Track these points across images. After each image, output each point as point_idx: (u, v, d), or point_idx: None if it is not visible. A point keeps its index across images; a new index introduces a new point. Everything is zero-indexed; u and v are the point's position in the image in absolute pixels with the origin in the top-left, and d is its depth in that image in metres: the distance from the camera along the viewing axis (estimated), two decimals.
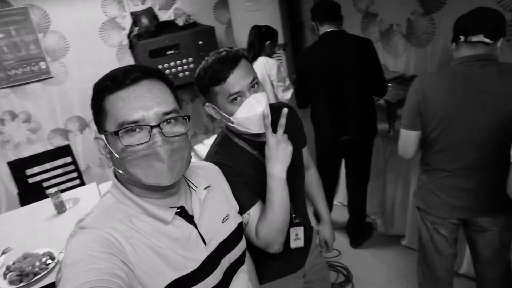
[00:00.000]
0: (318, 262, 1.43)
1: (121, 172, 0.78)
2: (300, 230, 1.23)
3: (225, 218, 0.94)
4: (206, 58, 1.11)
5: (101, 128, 0.78)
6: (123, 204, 0.80)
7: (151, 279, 0.75)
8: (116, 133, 0.73)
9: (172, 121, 0.76)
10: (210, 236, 0.87)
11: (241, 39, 3.35)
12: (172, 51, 3.32)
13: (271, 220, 1.03)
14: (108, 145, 0.77)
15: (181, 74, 3.39)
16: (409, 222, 2.54)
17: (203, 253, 0.84)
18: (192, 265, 0.81)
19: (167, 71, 3.31)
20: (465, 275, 2.20)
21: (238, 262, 0.95)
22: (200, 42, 3.40)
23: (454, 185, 1.52)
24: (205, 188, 0.91)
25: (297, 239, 1.24)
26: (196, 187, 0.90)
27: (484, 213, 1.52)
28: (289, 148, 1.04)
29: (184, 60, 3.37)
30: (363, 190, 2.65)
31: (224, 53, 1.07)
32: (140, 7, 3.50)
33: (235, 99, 1.06)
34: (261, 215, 1.06)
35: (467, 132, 1.43)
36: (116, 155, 0.76)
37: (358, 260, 2.62)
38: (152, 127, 0.73)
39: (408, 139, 1.55)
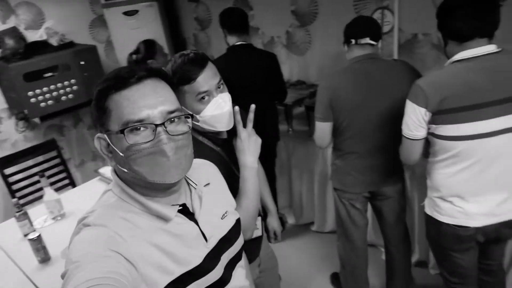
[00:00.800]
0: (268, 251, 1.53)
1: (125, 170, 0.78)
2: (259, 220, 1.32)
3: (224, 214, 0.96)
4: (172, 59, 1.15)
5: (103, 127, 0.78)
6: (126, 202, 0.80)
7: (157, 275, 0.76)
8: (121, 132, 0.74)
9: (176, 119, 0.78)
10: (211, 232, 0.89)
11: (124, 58, 3.25)
12: (50, 73, 3.02)
13: (246, 207, 1.11)
14: (111, 144, 0.78)
15: (64, 98, 3.09)
16: (316, 209, 2.84)
17: (204, 249, 0.86)
18: (195, 261, 0.83)
19: (47, 95, 2.99)
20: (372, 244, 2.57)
21: (237, 258, 0.98)
22: (82, 62, 3.17)
23: (364, 163, 1.81)
24: (205, 186, 0.93)
25: (256, 228, 1.32)
26: (196, 184, 0.92)
27: (388, 183, 1.86)
28: (259, 140, 1.13)
29: (66, 82, 3.09)
30: (272, 188, 2.85)
31: (192, 54, 1.13)
32: (0, 27, 3.10)
33: (203, 98, 1.12)
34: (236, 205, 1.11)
35: (370, 118, 1.72)
36: (121, 154, 0.76)
37: (276, 253, 2.80)
38: (157, 125, 0.74)
39: (323, 130, 1.78)
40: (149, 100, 0.75)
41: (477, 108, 1.29)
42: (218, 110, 1.13)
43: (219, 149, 1.23)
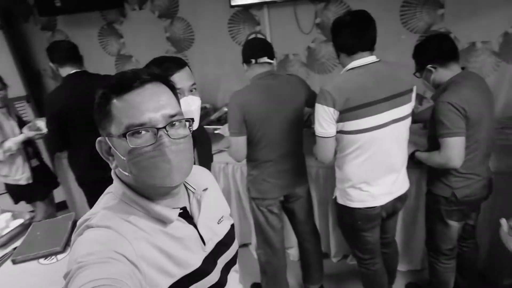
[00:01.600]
0: None
1: (126, 174, 0.79)
2: None
3: (220, 219, 0.97)
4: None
5: (105, 131, 0.79)
6: (127, 204, 0.81)
7: (160, 277, 0.77)
8: (123, 135, 0.74)
9: (177, 123, 0.78)
10: (208, 236, 0.90)
11: None
12: None
13: None
14: (113, 148, 0.78)
15: None
16: None
17: (202, 253, 0.88)
18: (194, 264, 0.84)
19: None
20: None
21: (232, 262, 0.99)
22: None
23: (278, 169, 1.95)
24: (203, 190, 0.93)
25: None
26: (194, 188, 0.92)
27: (299, 184, 2.04)
28: None
29: None
30: None
31: (173, 57, 1.29)
32: None
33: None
34: None
35: (278, 127, 1.88)
36: (122, 158, 0.77)
37: None
38: (158, 129, 0.75)
39: (238, 144, 1.86)
40: (150, 104, 0.75)
41: (371, 105, 1.58)
42: (186, 108, 1.18)
43: None
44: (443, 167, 1.73)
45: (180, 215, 0.85)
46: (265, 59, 1.88)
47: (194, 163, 1.02)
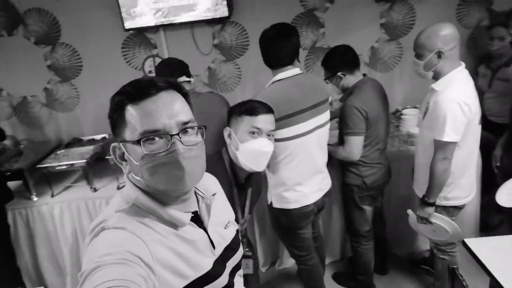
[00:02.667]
0: None
1: (139, 179, 0.81)
2: (251, 261, 1.45)
3: (227, 224, 1.00)
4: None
5: (119, 137, 0.81)
6: (140, 208, 0.82)
7: (173, 279, 0.79)
8: (138, 141, 0.76)
9: (190, 130, 0.80)
10: (217, 241, 0.93)
11: None
12: None
13: None
14: (126, 153, 0.80)
15: None
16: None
17: (212, 256, 0.90)
18: (206, 267, 0.87)
19: None
20: None
21: (237, 267, 1.02)
22: None
23: None
24: (212, 195, 0.94)
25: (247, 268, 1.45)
26: (204, 193, 0.94)
27: None
28: None
29: None
30: None
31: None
32: None
33: (253, 133, 1.44)
34: None
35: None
36: (136, 163, 0.78)
37: None
38: (172, 135, 0.76)
39: None
40: (164, 111, 0.77)
41: (299, 114, 1.74)
42: (257, 148, 1.39)
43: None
44: (345, 160, 2.01)
45: (191, 219, 0.87)
46: (184, 78, 1.89)
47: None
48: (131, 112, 0.78)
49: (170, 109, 0.78)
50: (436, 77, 1.77)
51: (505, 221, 2.23)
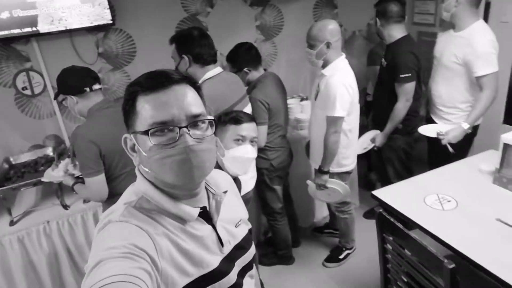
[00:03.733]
0: None
1: (147, 170, 0.81)
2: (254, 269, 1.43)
3: (238, 223, 0.98)
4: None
5: (131, 128, 0.82)
6: (148, 201, 0.82)
7: (177, 276, 0.78)
8: (146, 132, 0.76)
9: (200, 123, 0.80)
10: (226, 238, 0.91)
11: None
12: None
13: None
14: (136, 144, 0.81)
15: None
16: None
17: (220, 254, 0.89)
18: (212, 264, 0.85)
19: None
20: None
21: (248, 267, 0.99)
22: None
23: None
24: (224, 192, 0.93)
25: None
26: (214, 190, 0.92)
27: None
28: None
29: None
30: None
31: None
32: None
33: (238, 140, 1.55)
34: None
35: None
36: (144, 154, 0.79)
37: None
38: (180, 128, 0.76)
39: (98, 183, 1.71)
40: (175, 104, 0.77)
41: (233, 107, 1.87)
42: (242, 154, 1.48)
43: None
44: None
45: (200, 214, 0.86)
46: (98, 86, 1.80)
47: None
48: (142, 103, 0.78)
49: (181, 101, 0.78)
50: (324, 64, 2.12)
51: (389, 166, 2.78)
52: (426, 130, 2.41)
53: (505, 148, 1.88)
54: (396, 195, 2.00)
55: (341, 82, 2.03)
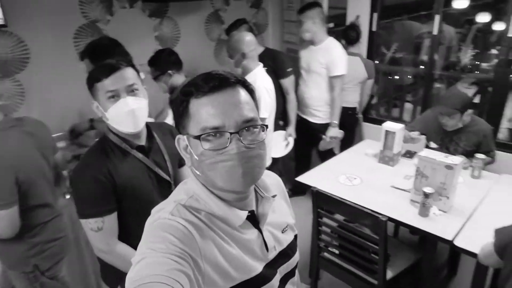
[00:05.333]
0: None
1: (198, 173, 0.83)
2: None
3: (284, 228, 0.96)
4: None
5: (184, 129, 0.82)
6: (198, 202, 0.83)
7: (219, 280, 0.78)
8: (198, 137, 0.77)
9: (251, 128, 0.78)
10: (272, 244, 0.90)
11: None
12: None
13: None
14: (189, 146, 0.81)
15: None
16: None
17: (265, 259, 0.88)
18: (256, 269, 0.85)
19: None
20: None
21: (291, 274, 0.98)
22: None
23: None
24: (273, 196, 0.92)
25: None
26: (263, 193, 0.91)
27: None
28: None
29: None
30: None
31: (109, 61, 1.29)
32: None
33: (112, 97, 1.26)
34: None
35: (47, 174, 1.72)
36: (196, 157, 0.80)
37: None
38: (231, 133, 0.76)
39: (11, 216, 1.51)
40: (226, 108, 0.76)
41: None
42: (122, 109, 1.25)
43: (135, 151, 1.33)
44: None
45: (247, 218, 0.85)
46: None
47: None
48: (195, 105, 0.78)
49: (234, 106, 0.77)
50: (245, 72, 2.37)
51: None
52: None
53: (386, 134, 2.50)
54: (315, 178, 2.41)
55: (263, 86, 2.32)
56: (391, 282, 2.00)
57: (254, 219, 0.87)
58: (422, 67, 4.98)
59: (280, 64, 3.01)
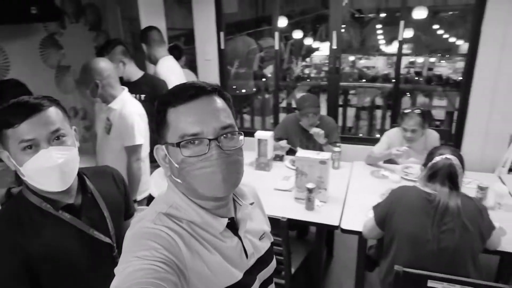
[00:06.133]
0: None
1: (179, 181, 0.83)
2: None
3: (262, 236, 0.98)
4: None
5: (162, 139, 0.83)
6: (178, 210, 0.84)
7: (202, 285, 0.79)
8: (177, 144, 0.78)
9: (229, 135, 0.80)
10: (251, 250, 0.92)
11: None
12: None
13: None
14: (168, 155, 0.82)
15: None
16: None
17: (244, 266, 0.89)
18: (237, 276, 0.86)
19: None
20: None
21: (269, 280, 0.99)
22: None
23: None
24: (250, 204, 0.93)
25: None
26: (241, 201, 0.93)
27: None
28: None
29: None
30: None
31: (27, 98, 1.02)
32: None
33: (29, 147, 1.00)
34: None
35: None
36: (176, 165, 0.81)
37: None
38: (210, 140, 0.77)
39: None
40: (204, 116, 0.78)
41: None
42: (42, 164, 1.00)
43: (60, 213, 1.07)
44: None
45: (227, 225, 0.86)
46: None
47: None
48: (172, 115, 0.79)
49: (211, 113, 0.78)
50: (107, 100, 2.17)
51: None
52: None
53: (259, 143, 2.66)
54: None
55: (135, 112, 2.17)
56: (292, 279, 2.13)
57: (233, 227, 0.89)
58: (264, 79, 5.54)
59: (160, 92, 2.77)
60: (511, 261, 2.05)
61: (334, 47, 3.46)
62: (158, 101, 0.83)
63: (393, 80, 3.85)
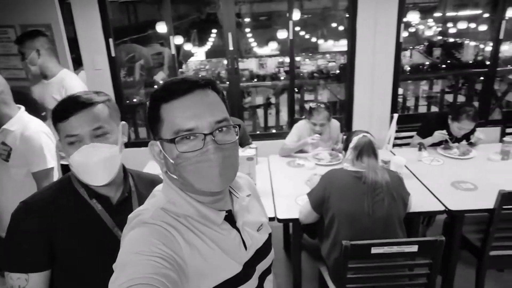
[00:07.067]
0: None
1: (174, 176, 0.83)
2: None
3: (260, 227, 0.98)
4: None
5: (156, 135, 0.82)
6: (175, 206, 0.84)
7: (202, 280, 0.79)
8: (172, 140, 0.77)
9: (224, 129, 0.79)
10: (249, 242, 0.91)
11: None
12: None
13: None
14: (163, 151, 0.82)
15: None
16: None
17: (244, 257, 0.89)
18: (236, 268, 0.86)
19: None
20: None
21: (267, 271, 0.99)
22: None
23: None
24: (247, 196, 0.93)
25: None
26: (238, 193, 0.93)
27: None
28: None
29: None
30: None
31: (79, 94, 1.08)
32: None
33: (73, 142, 1.06)
34: None
35: None
36: (171, 161, 0.80)
37: None
38: (205, 135, 0.77)
39: None
40: (198, 110, 0.77)
41: None
42: (84, 159, 1.06)
43: (94, 202, 1.12)
44: None
45: (226, 218, 0.86)
46: None
47: None
48: (165, 110, 0.78)
49: (205, 107, 0.77)
50: (3, 121, 1.82)
51: None
52: None
53: None
54: None
55: (41, 131, 1.87)
56: None
57: (231, 219, 0.89)
58: (156, 87, 5.37)
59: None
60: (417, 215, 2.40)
61: (231, 48, 3.54)
62: (151, 97, 0.81)
63: (282, 78, 4.10)
